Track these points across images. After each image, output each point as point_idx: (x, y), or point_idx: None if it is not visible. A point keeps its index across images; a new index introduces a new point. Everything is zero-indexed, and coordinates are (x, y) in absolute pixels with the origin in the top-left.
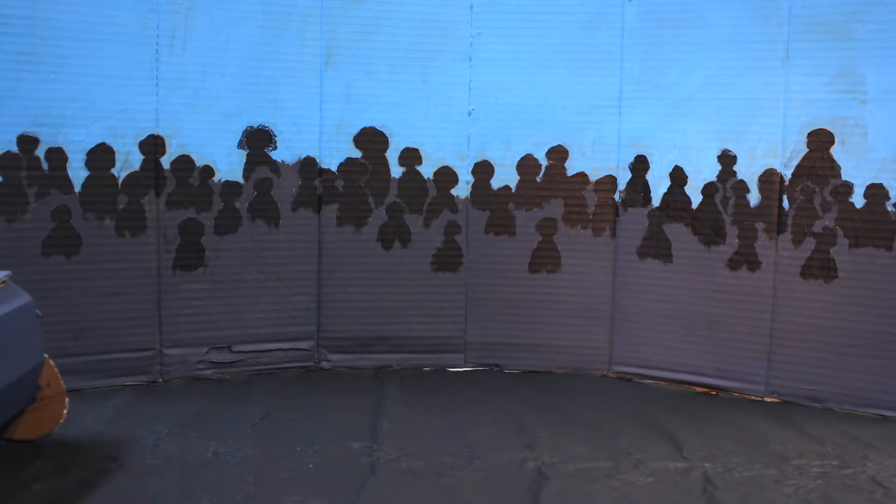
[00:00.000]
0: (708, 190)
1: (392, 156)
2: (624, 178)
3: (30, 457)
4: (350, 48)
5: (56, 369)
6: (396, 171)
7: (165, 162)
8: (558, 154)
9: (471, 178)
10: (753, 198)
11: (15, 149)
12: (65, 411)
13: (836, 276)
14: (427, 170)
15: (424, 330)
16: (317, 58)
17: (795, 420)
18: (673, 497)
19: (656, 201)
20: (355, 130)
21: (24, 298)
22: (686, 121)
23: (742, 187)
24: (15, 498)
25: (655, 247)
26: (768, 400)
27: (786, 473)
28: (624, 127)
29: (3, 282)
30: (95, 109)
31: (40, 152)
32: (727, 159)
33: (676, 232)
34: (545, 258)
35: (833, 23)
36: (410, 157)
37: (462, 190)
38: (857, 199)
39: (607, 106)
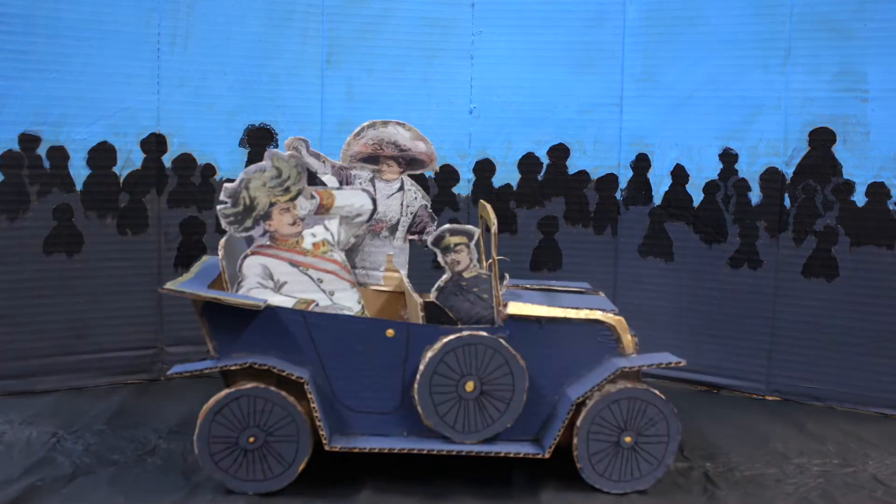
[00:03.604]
0: (709, 188)
1: None
2: (625, 176)
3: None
4: (351, 46)
5: None
6: None
7: (167, 160)
8: (559, 152)
9: (472, 177)
10: (755, 196)
11: (17, 147)
12: None
13: (838, 275)
14: None
15: None
16: (318, 56)
17: (796, 418)
18: (673, 496)
19: (658, 199)
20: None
21: None
22: (687, 119)
23: (743, 185)
24: None
25: (657, 245)
26: (769, 398)
27: (787, 472)
28: (625, 125)
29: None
30: (97, 108)
31: (42, 151)
32: (728, 157)
33: (678, 230)
34: (546, 257)
35: (835, 21)
36: None
37: (463, 188)
38: (859, 198)
39: (608, 104)
